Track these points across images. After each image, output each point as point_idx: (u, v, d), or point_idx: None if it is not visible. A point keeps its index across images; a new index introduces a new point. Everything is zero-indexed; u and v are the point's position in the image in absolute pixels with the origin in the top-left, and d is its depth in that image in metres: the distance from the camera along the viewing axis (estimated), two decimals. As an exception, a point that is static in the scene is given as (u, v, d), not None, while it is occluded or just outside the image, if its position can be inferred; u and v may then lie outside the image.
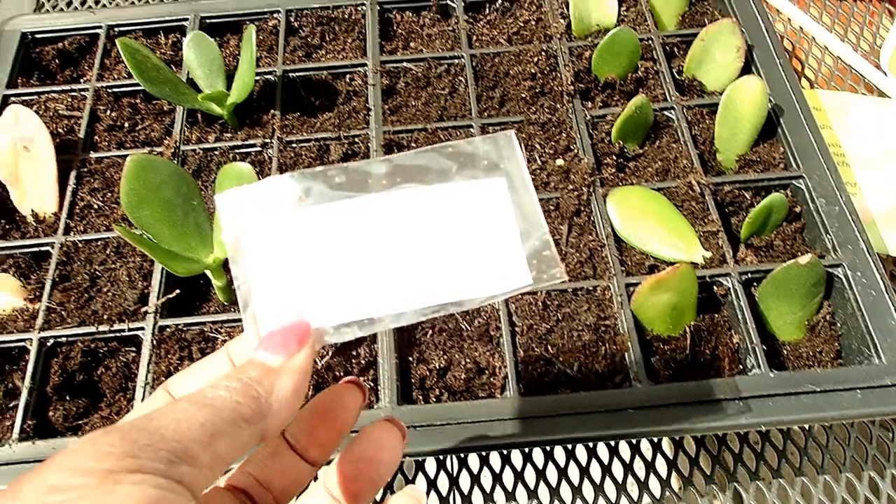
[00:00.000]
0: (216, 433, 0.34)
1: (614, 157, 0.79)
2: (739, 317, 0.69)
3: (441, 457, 0.73)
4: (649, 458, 0.74)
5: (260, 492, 0.44)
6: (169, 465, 0.31)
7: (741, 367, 0.68)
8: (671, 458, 0.74)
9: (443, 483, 0.73)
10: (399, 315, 0.42)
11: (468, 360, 0.68)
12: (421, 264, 0.42)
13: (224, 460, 0.35)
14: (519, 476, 0.73)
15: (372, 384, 0.67)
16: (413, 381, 0.68)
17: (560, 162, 0.78)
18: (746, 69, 0.84)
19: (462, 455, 0.73)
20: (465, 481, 0.73)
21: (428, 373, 0.68)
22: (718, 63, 0.84)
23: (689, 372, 0.68)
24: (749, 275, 0.71)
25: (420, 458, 0.73)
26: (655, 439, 0.74)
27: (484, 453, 0.74)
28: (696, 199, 0.76)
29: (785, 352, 0.71)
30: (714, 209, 0.74)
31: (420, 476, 0.74)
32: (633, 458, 0.74)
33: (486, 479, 0.73)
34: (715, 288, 0.71)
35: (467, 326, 0.69)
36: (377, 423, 0.46)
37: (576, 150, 0.79)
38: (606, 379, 0.67)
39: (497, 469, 0.73)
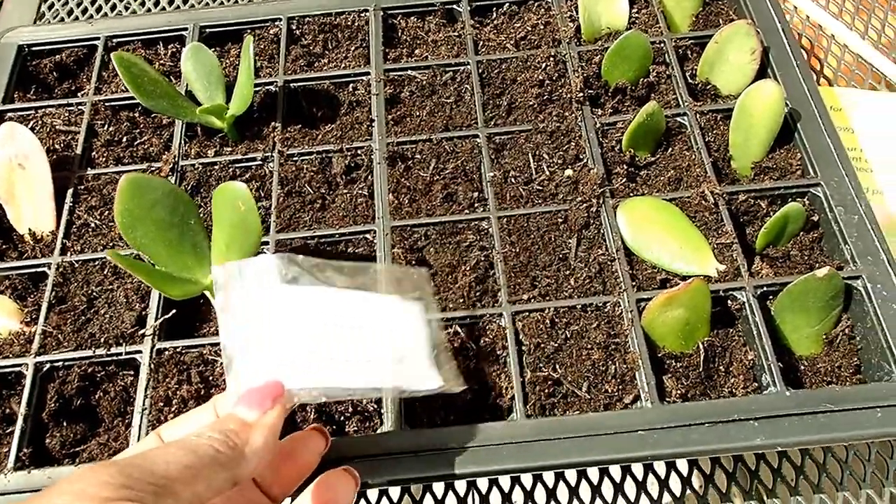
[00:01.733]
0: (197, 475, 0.41)
1: (625, 167, 0.76)
2: (754, 332, 0.66)
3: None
4: (663, 475, 0.72)
5: None
6: (156, 498, 0.38)
7: (756, 384, 0.66)
8: (685, 475, 0.72)
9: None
10: (350, 390, 0.52)
11: (473, 381, 0.66)
12: (366, 352, 0.52)
13: (201, 499, 0.41)
14: (529, 496, 0.71)
15: (375, 406, 0.65)
16: (417, 402, 0.65)
17: (569, 172, 0.76)
18: (762, 71, 0.81)
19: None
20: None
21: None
22: (733, 65, 0.81)
23: (703, 390, 0.66)
24: (764, 288, 0.68)
25: (428, 484, 0.72)
26: (669, 457, 0.72)
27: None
28: (709, 209, 0.73)
29: (802, 367, 0.69)
30: (728, 219, 0.72)
31: (428, 498, 0.72)
32: (646, 476, 0.72)
33: (496, 500, 0.71)
34: (729, 302, 0.69)
35: (473, 346, 0.67)
36: (334, 471, 0.55)
37: (585, 160, 0.77)
38: (617, 399, 0.65)
39: (506, 489, 0.72)
